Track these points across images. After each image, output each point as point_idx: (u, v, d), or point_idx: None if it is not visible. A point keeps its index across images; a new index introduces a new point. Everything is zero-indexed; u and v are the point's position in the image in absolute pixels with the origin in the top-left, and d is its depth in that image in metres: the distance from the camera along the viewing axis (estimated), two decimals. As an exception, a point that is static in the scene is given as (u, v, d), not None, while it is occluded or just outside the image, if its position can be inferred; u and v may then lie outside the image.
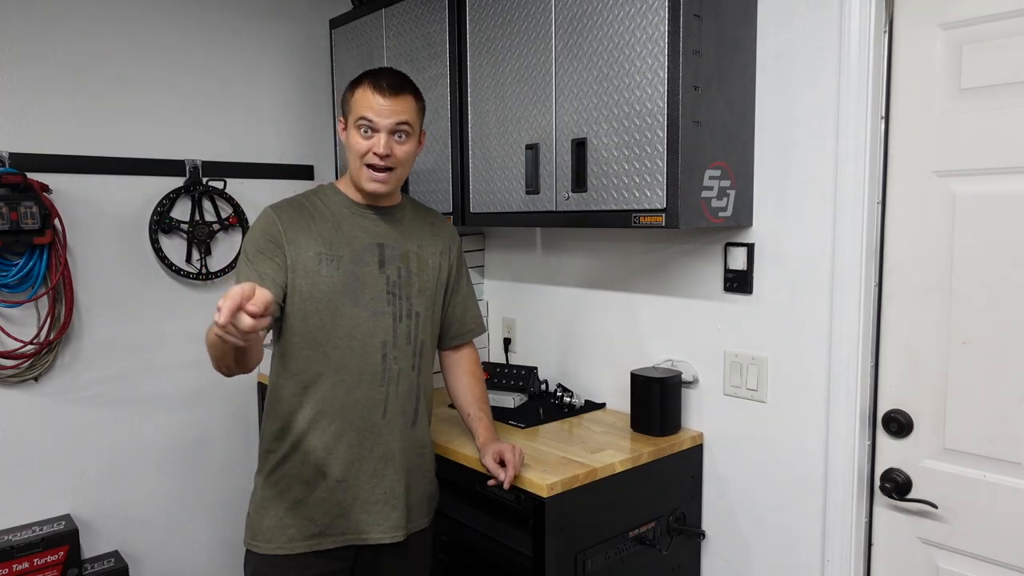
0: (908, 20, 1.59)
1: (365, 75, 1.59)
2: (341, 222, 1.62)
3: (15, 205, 2.18)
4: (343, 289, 1.58)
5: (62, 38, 2.37)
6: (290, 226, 1.58)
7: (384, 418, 1.62)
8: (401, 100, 1.56)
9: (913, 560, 1.66)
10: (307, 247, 1.57)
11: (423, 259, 1.70)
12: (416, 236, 1.70)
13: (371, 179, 1.58)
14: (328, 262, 1.58)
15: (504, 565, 1.74)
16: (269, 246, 1.56)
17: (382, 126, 1.55)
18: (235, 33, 2.74)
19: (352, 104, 1.58)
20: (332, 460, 1.59)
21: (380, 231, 1.65)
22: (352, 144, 1.58)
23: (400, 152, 1.58)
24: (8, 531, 2.29)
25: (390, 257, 1.64)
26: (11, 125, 2.31)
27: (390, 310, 1.62)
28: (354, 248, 1.61)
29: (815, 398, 1.74)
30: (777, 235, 1.79)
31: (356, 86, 1.58)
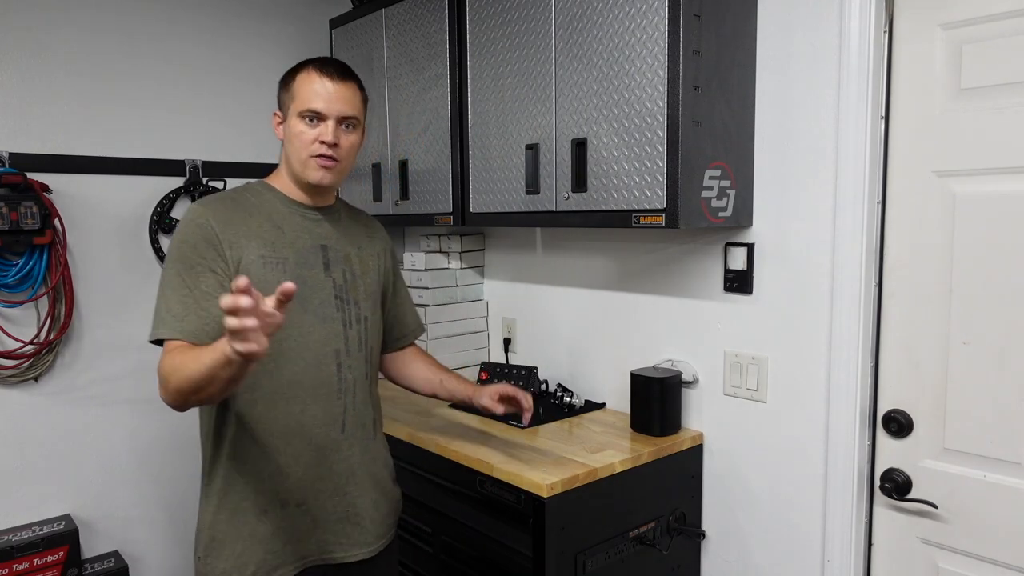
0: (908, 20, 1.59)
1: (306, 62, 1.48)
2: (281, 221, 1.48)
3: (15, 205, 2.18)
4: None
5: (62, 39, 2.37)
6: (227, 226, 1.41)
7: (343, 432, 1.51)
8: (348, 87, 1.47)
9: (913, 560, 1.66)
10: (249, 249, 1.42)
11: (364, 261, 1.60)
12: (355, 238, 1.60)
13: (319, 166, 1.45)
14: (273, 265, 1.43)
15: (504, 565, 1.74)
16: (208, 253, 1.38)
17: (330, 113, 1.44)
18: (235, 33, 2.74)
19: (294, 91, 1.46)
20: (290, 484, 1.46)
21: (322, 232, 1.53)
22: (295, 134, 1.45)
23: (346, 143, 1.47)
24: (8, 531, 2.29)
25: (334, 259, 1.53)
26: (11, 125, 2.31)
27: (340, 316, 1.51)
28: (298, 249, 1.48)
29: (815, 398, 1.74)
30: (777, 235, 1.79)
31: (297, 73, 1.47)
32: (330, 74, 1.45)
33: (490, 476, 1.74)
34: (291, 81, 1.48)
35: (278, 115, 1.52)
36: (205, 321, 1.35)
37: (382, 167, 2.54)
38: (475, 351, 2.60)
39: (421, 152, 2.36)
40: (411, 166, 2.40)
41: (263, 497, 1.45)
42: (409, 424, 2.06)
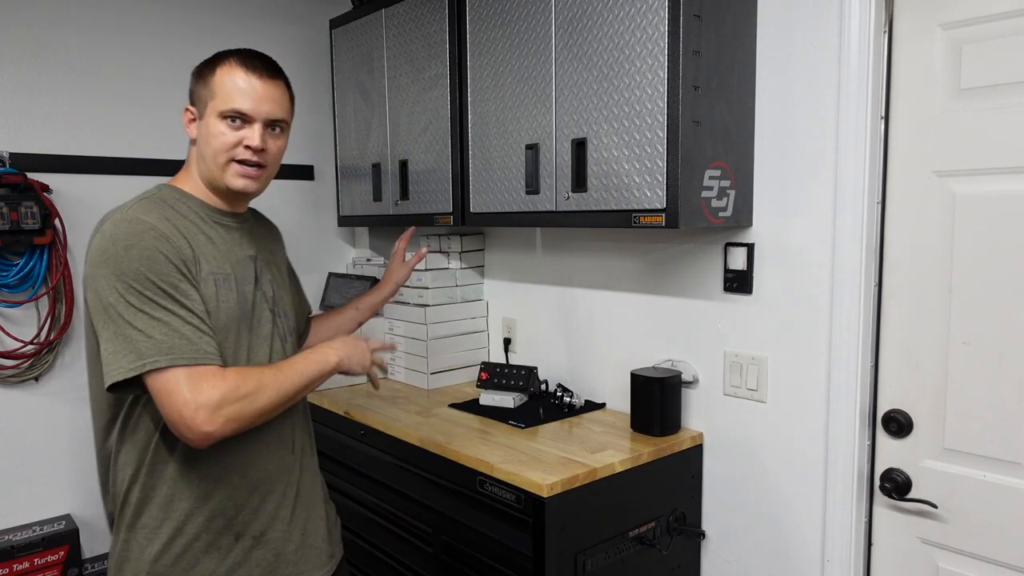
0: (908, 20, 1.59)
1: (228, 54, 1.31)
2: (211, 233, 1.32)
3: (15, 205, 2.18)
4: (239, 314, 1.31)
5: (62, 39, 2.37)
6: (179, 238, 1.24)
7: (293, 453, 1.43)
8: (277, 86, 1.32)
9: (913, 560, 1.66)
10: (201, 265, 1.26)
11: (280, 269, 1.51)
12: (268, 243, 1.51)
13: (240, 174, 1.31)
14: (222, 282, 1.29)
15: (504, 565, 1.74)
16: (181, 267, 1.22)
17: (258, 114, 1.29)
18: (235, 33, 2.74)
19: (214, 87, 1.29)
20: (246, 516, 1.34)
21: (247, 241, 1.40)
22: (214, 136, 1.28)
23: (274, 147, 1.34)
24: (8, 531, 2.29)
25: (261, 271, 1.40)
26: (11, 125, 2.31)
27: (276, 331, 1.40)
28: (234, 263, 1.34)
29: (815, 398, 1.74)
30: (777, 235, 1.79)
31: (217, 66, 1.30)
32: (258, 71, 1.30)
33: (490, 476, 1.74)
34: (210, 74, 1.30)
35: (191, 110, 1.34)
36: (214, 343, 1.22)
37: (382, 167, 2.54)
38: (475, 351, 2.60)
39: (421, 152, 2.36)
40: (411, 166, 2.40)
41: (220, 536, 1.31)
42: (409, 424, 2.06)
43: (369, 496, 2.17)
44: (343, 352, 1.38)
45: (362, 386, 2.53)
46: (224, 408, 1.16)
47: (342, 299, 2.84)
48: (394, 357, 2.61)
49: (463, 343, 2.57)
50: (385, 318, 2.64)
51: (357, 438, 2.21)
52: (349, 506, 2.27)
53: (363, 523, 2.22)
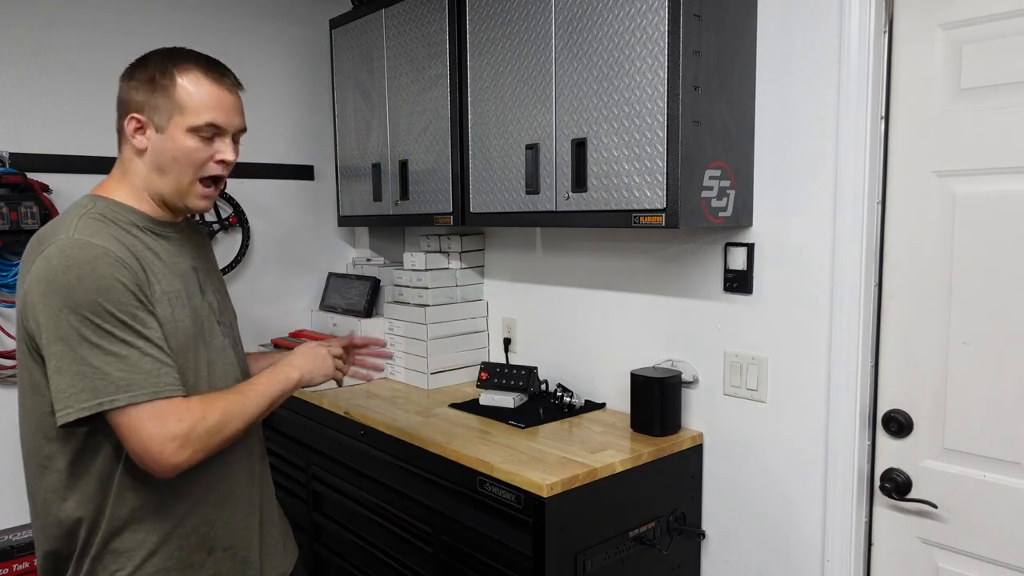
0: (908, 20, 1.59)
1: (184, 60, 1.23)
2: (155, 247, 1.25)
3: (15, 205, 2.18)
4: (195, 331, 1.27)
5: (62, 39, 2.37)
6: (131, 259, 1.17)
7: (253, 460, 1.42)
8: (240, 95, 1.28)
9: (913, 560, 1.66)
10: (152, 286, 1.20)
11: (217, 274, 1.47)
12: (206, 252, 1.46)
13: (204, 195, 1.26)
14: (174, 300, 1.24)
15: (504, 565, 1.74)
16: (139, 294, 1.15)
17: (231, 127, 1.25)
18: (235, 33, 2.74)
19: (179, 99, 1.20)
20: (219, 530, 1.31)
21: (187, 252, 1.34)
22: (184, 152, 1.21)
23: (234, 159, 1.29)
24: (8, 531, 2.29)
25: (205, 280, 1.36)
26: (11, 125, 2.31)
27: (228, 342, 1.37)
28: (181, 277, 1.28)
29: (815, 398, 1.74)
30: (777, 235, 1.79)
31: (179, 73, 1.21)
32: (226, 83, 1.25)
33: (490, 476, 1.74)
34: (170, 84, 1.21)
35: (138, 118, 1.23)
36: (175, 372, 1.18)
37: (382, 167, 2.54)
38: (475, 351, 2.60)
39: (421, 152, 2.36)
40: (411, 166, 2.40)
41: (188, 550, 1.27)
42: (409, 424, 2.06)
43: (369, 496, 2.17)
44: (303, 367, 1.39)
45: (362, 386, 2.53)
46: (191, 440, 1.14)
47: (342, 299, 2.84)
48: (394, 357, 2.61)
49: (463, 343, 2.57)
50: (385, 318, 2.64)
51: (357, 438, 2.21)
52: (349, 506, 2.27)
53: (363, 523, 2.22)
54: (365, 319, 2.65)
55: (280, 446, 2.61)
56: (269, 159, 2.86)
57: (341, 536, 2.33)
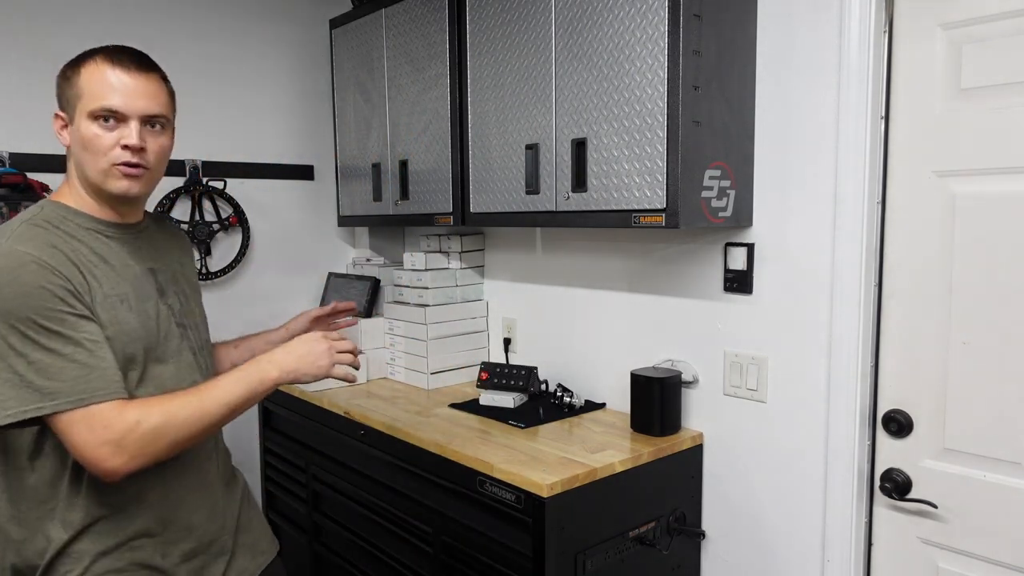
0: (908, 20, 1.59)
1: (94, 52, 1.21)
2: (103, 250, 1.24)
3: (15, 205, 2.18)
4: (143, 334, 1.24)
5: (62, 40, 2.37)
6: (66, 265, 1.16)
7: (217, 469, 1.40)
8: (150, 79, 1.23)
9: (913, 560, 1.66)
10: (94, 290, 1.19)
11: (188, 278, 1.43)
12: (174, 253, 1.42)
13: (123, 175, 1.21)
14: (118, 304, 1.22)
15: (504, 565, 1.74)
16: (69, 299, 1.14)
17: (131, 111, 1.20)
18: (235, 33, 2.74)
19: (80, 87, 1.19)
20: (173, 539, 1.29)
21: (144, 254, 1.31)
22: (88, 139, 1.19)
23: (156, 146, 1.25)
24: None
25: (165, 282, 1.34)
26: (11, 125, 2.31)
27: (187, 345, 1.34)
28: (131, 280, 1.26)
29: (815, 398, 1.74)
30: (777, 235, 1.79)
31: (82, 64, 1.20)
32: (125, 64, 1.20)
33: (490, 476, 1.74)
34: (74, 74, 1.20)
35: (61, 116, 1.24)
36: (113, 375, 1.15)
37: (382, 167, 2.54)
38: (475, 351, 2.60)
39: (421, 152, 2.36)
40: (411, 166, 2.40)
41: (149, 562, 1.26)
42: (409, 424, 2.06)
43: (369, 496, 2.17)
44: (287, 363, 1.28)
45: (362, 386, 2.53)
46: (125, 446, 1.12)
47: (342, 299, 2.84)
48: (394, 357, 2.61)
49: (463, 343, 2.57)
50: (385, 318, 2.64)
51: (357, 438, 2.21)
52: (349, 506, 2.27)
53: (363, 523, 2.22)
54: (365, 319, 2.65)
55: (280, 446, 2.61)
56: (269, 159, 2.86)
57: (341, 536, 2.33)
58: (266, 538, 1.53)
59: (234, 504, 1.44)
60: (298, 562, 2.56)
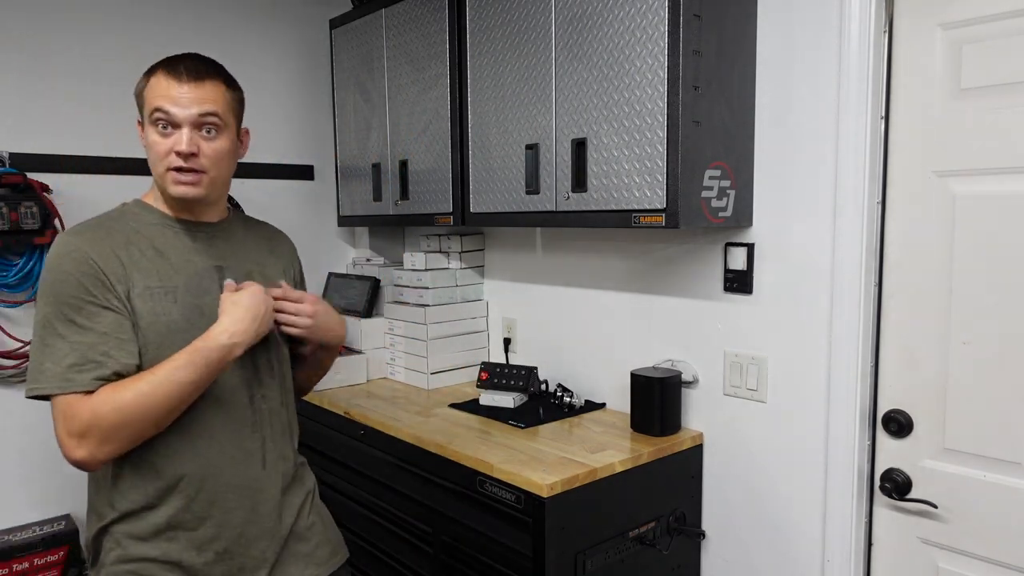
0: (908, 20, 1.59)
1: (162, 62, 1.29)
2: (164, 245, 1.32)
3: (15, 205, 2.18)
4: (186, 326, 1.27)
5: (63, 40, 2.37)
6: (109, 258, 1.24)
7: (264, 469, 1.37)
8: (205, 87, 1.28)
9: (913, 560, 1.66)
10: (135, 280, 1.26)
11: (268, 278, 1.44)
12: (254, 254, 1.45)
13: (176, 181, 1.28)
14: (161, 296, 1.27)
15: (504, 565, 1.74)
16: (97, 289, 1.21)
17: (182, 118, 1.26)
18: (235, 33, 2.74)
19: (146, 96, 1.28)
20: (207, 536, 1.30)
21: (214, 251, 1.37)
22: (149, 145, 1.28)
23: (210, 150, 1.29)
24: (8, 531, 2.29)
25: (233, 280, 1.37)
26: (11, 125, 2.31)
27: None
28: (188, 275, 1.32)
29: (815, 398, 1.74)
30: (777, 235, 1.79)
31: (151, 75, 1.29)
32: (178, 74, 1.26)
33: (490, 476, 1.74)
34: (143, 84, 1.30)
35: (139, 121, 1.32)
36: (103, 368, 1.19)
37: (382, 167, 2.54)
38: (475, 351, 2.60)
39: (421, 152, 2.36)
40: (411, 166, 2.41)
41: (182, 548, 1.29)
42: (409, 424, 2.06)
43: (369, 496, 2.17)
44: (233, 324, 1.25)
45: (362, 386, 2.53)
46: (88, 439, 1.17)
47: (342, 299, 2.84)
48: (394, 357, 2.61)
49: (463, 343, 2.57)
50: (385, 318, 2.64)
51: (357, 438, 2.21)
52: (349, 506, 2.27)
53: (363, 523, 2.22)
54: (365, 319, 2.65)
55: (280, 446, 2.61)
56: (269, 159, 2.86)
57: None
58: (327, 549, 1.49)
59: (290, 510, 1.42)
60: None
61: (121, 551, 1.28)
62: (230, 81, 1.34)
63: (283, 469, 1.41)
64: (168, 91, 1.26)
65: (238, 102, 1.36)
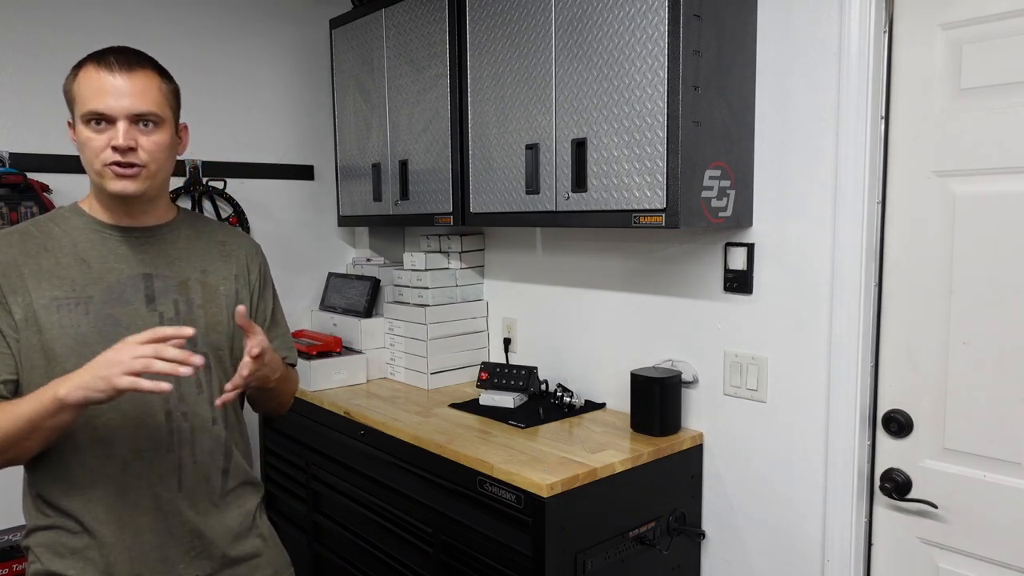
0: (908, 20, 1.59)
1: (91, 56, 1.23)
2: (87, 252, 1.26)
3: (15, 205, 2.18)
4: (97, 338, 1.21)
5: (62, 40, 2.37)
6: (8, 269, 1.21)
7: (180, 491, 1.30)
8: (138, 77, 1.21)
9: (913, 560, 1.66)
10: (39, 292, 1.21)
11: (211, 287, 1.36)
12: (198, 260, 1.36)
13: (116, 175, 1.21)
14: (71, 308, 1.22)
15: (504, 565, 1.74)
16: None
17: (118, 111, 1.19)
18: (235, 33, 2.74)
19: (75, 93, 1.21)
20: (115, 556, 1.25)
21: (145, 258, 1.30)
22: (83, 143, 1.21)
23: (149, 144, 1.22)
24: (8, 531, 2.29)
25: (162, 289, 1.30)
26: (11, 125, 2.31)
27: None
28: (109, 284, 1.25)
29: (815, 398, 1.74)
30: (777, 235, 1.79)
31: (78, 69, 1.22)
32: (110, 65, 1.20)
33: (490, 476, 1.74)
34: (72, 81, 1.23)
35: (70, 122, 1.27)
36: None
37: (382, 167, 2.54)
38: (475, 351, 2.60)
39: (421, 152, 2.36)
40: (411, 166, 2.40)
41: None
42: (409, 424, 2.06)
43: (369, 496, 2.17)
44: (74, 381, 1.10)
45: (362, 386, 2.53)
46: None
47: (342, 299, 2.84)
48: (394, 357, 2.61)
49: (463, 343, 2.57)
50: (385, 318, 2.64)
51: (357, 438, 2.21)
52: (349, 506, 2.27)
53: (363, 523, 2.22)
54: (365, 319, 2.65)
55: (280, 446, 2.61)
56: (269, 159, 2.86)
57: (341, 536, 2.33)
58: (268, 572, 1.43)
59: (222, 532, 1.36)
60: (298, 562, 2.56)
61: (40, 566, 1.27)
62: (164, 73, 1.28)
63: (208, 490, 1.34)
64: (100, 83, 1.19)
65: (174, 95, 1.29)
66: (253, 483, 1.45)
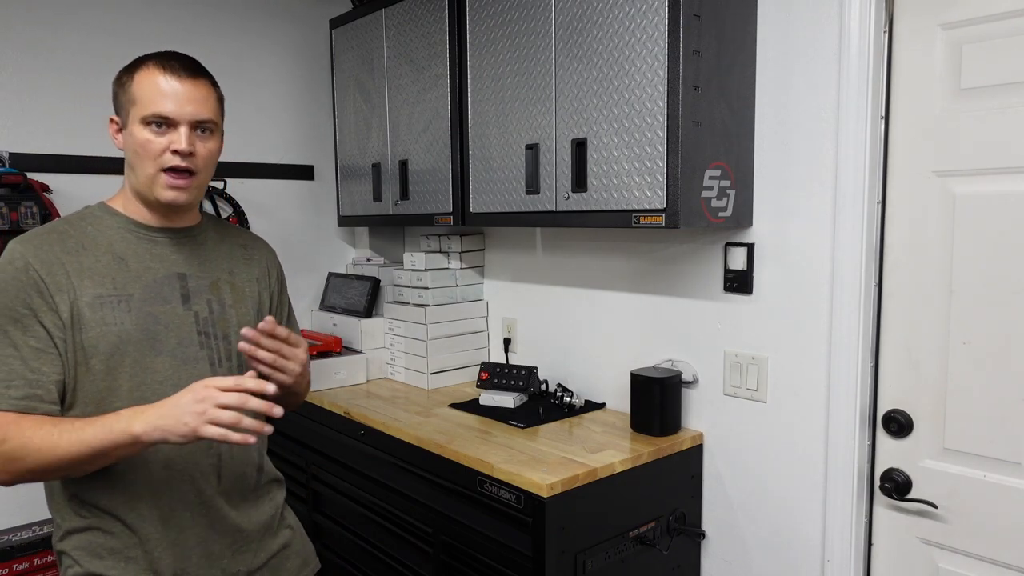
0: (908, 20, 1.59)
1: (147, 58, 1.25)
2: (124, 252, 1.27)
3: (15, 205, 2.18)
4: (140, 336, 1.24)
5: (62, 40, 2.37)
6: (53, 267, 1.20)
7: (220, 486, 1.32)
8: (199, 86, 1.25)
9: (913, 560, 1.66)
10: (82, 290, 1.21)
11: (238, 288, 1.39)
12: (225, 262, 1.39)
13: (169, 185, 1.24)
14: (114, 305, 1.23)
15: (504, 565, 1.74)
16: (35, 301, 1.17)
17: (182, 116, 1.22)
18: (235, 33, 2.74)
19: (134, 93, 1.23)
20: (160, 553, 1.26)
21: (179, 259, 1.32)
22: (140, 144, 1.22)
23: (204, 151, 1.26)
24: (8, 531, 2.29)
25: (196, 289, 1.32)
26: (11, 125, 2.31)
27: (205, 354, 1.30)
28: (147, 283, 1.27)
29: (815, 398, 1.74)
30: (777, 235, 1.79)
31: (136, 70, 1.24)
32: (176, 71, 1.23)
33: (490, 476, 1.74)
34: (129, 80, 1.24)
35: (115, 121, 1.28)
36: (35, 387, 1.16)
37: (382, 167, 2.54)
38: (475, 351, 2.60)
39: (421, 152, 2.36)
40: (411, 166, 2.41)
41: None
42: (409, 424, 2.06)
43: (369, 496, 2.17)
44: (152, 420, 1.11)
45: (362, 386, 2.53)
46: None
47: (342, 299, 2.84)
48: (394, 357, 2.61)
49: (463, 343, 2.57)
50: (385, 318, 2.64)
51: (357, 438, 2.21)
52: (349, 506, 2.27)
53: (363, 523, 2.22)
54: (365, 319, 2.65)
55: (280, 446, 2.61)
56: (269, 159, 2.86)
57: (341, 536, 2.33)
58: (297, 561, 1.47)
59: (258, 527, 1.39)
60: (298, 562, 2.56)
61: (79, 568, 1.25)
62: (214, 81, 1.31)
63: (243, 485, 1.36)
64: (167, 89, 1.21)
65: (222, 104, 1.33)
66: (278, 479, 1.49)
